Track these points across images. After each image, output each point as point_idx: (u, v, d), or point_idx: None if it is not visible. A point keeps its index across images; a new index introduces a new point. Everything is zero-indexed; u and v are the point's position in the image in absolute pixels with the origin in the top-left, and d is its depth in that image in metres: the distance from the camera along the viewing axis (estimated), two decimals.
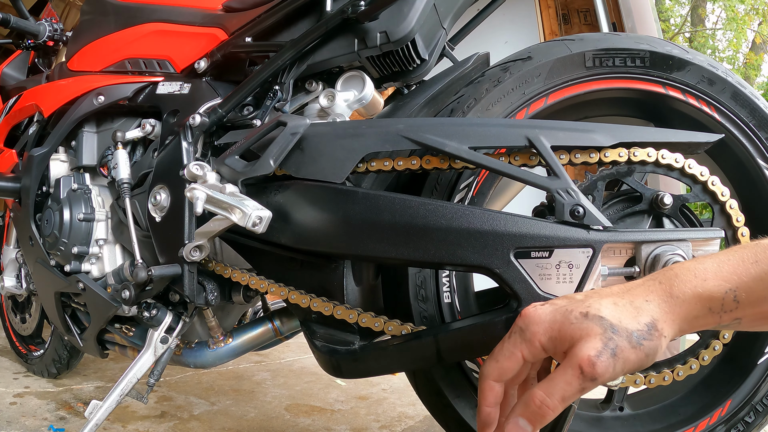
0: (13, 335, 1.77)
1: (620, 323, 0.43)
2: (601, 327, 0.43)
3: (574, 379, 0.43)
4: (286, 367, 1.93)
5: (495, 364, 0.49)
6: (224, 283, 0.94)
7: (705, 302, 0.44)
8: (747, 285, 0.43)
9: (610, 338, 0.43)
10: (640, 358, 0.43)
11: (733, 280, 0.43)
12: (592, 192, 0.77)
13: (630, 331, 0.43)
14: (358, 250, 0.72)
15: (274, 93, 0.90)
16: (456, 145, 0.70)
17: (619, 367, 0.42)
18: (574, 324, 0.44)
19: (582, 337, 0.43)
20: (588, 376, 0.42)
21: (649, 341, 0.43)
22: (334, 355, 0.78)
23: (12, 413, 1.28)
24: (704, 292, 0.44)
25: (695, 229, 0.75)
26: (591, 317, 0.44)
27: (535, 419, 0.45)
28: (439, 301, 0.81)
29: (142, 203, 0.99)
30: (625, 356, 0.42)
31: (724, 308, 0.44)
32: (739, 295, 0.43)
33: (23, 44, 1.58)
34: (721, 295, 0.43)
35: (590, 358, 0.42)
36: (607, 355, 0.42)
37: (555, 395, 0.43)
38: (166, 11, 1.08)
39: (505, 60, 0.85)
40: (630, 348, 0.42)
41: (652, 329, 0.43)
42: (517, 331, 0.48)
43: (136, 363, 0.97)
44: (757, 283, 0.43)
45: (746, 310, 0.43)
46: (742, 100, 0.81)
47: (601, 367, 0.42)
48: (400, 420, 1.39)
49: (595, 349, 0.42)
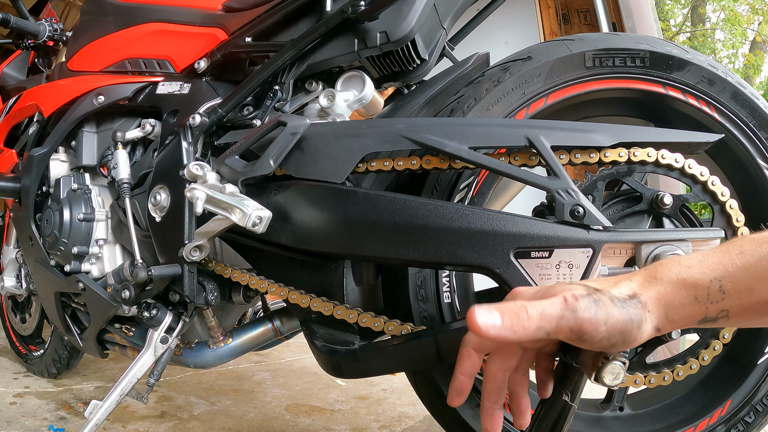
0: (13, 335, 1.77)
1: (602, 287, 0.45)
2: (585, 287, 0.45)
3: (557, 303, 0.44)
4: (286, 367, 1.93)
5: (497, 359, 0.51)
6: (224, 283, 0.94)
7: (690, 289, 0.44)
8: (732, 275, 0.43)
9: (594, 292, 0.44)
10: (624, 318, 0.43)
11: (719, 269, 0.44)
12: (592, 192, 0.77)
13: (613, 296, 0.44)
14: (358, 250, 0.72)
15: (274, 93, 0.90)
16: (456, 145, 0.70)
17: (601, 315, 0.43)
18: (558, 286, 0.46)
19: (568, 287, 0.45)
20: (570, 306, 0.43)
21: (633, 307, 0.44)
22: (334, 355, 0.78)
23: (12, 413, 1.28)
24: (689, 278, 0.44)
25: (695, 229, 0.74)
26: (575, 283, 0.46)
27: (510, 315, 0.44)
28: (439, 301, 0.81)
29: (142, 203, 0.99)
30: (608, 309, 0.43)
31: (710, 298, 0.44)
32: (725, 285, 0.43)
33: (23, 44, 1.58)
34: (705, 283, 0.44)
35: (574, 294, 0.44)
36: (590, 300, 0.44)
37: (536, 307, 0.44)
38: (166, 11, 1.08)
39: (505, 60, 0.85)
40: (612, 304, 0.44)
41: (634, 298, 0.44)
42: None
43: (136, 363, 0.97)
44: (742, 273, 0.43)
45: (733, 301, 0.44)
46: (742, 100, 0.81)
47: (583, 304, 0.43)
48: (400, 420, 1.39)
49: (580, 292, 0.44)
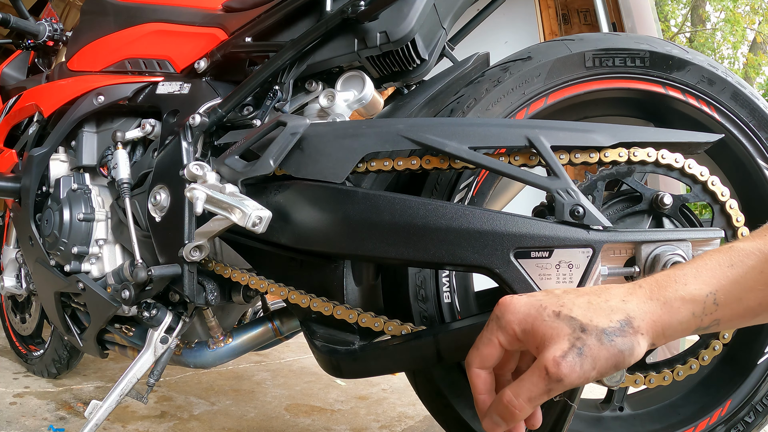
0: (13, 335, 1.77)
1: (591, 322, 0.44)
2: (570, 327, 0.44)
3: (540, 381, 0.43)
4: (286, 367, 1.93)
5: (476, 352, 0.51)
6: (224, 283, 0.94)
7: (688, 306, 0.45)
8: (724, 287, 0.44)
9: (579, 338, 0.43)
10: (612, 354, 0.43)
11: (713, 283, 0.45)
12: (592, 192, 0.77)
13: (601, 329, 0.43)
14: (358, 250, 0.72)
15: (274, 93, 0.90)
16: (456, 145, 0.70)
17: (587, 365, 0.42)
18: (546, 322, 0.45)
19: (552, 337, 0.44)
20: (553, 377, 0.43)
21: (622, 338, 0.43)
22: (334, 355, 0.78)
23: (12, 413, 1.28)
24: (687, 295, 0.45)
25: (695, 229, 0.74)
26: (562, 317, 0.44)
27: (505, 417, 0.46)
28: (439, 301, 0.81)
29: (142, 203, 0.99)
30: (594, 354, 0.42)
31: (705, 311, 0.45)
32: (719, 298, 0.44)
33: (23, 44, 1.58)
34: (702, 298, 0.45)
35: (555, 359, 0.43)
36: (573, 355, 0.42)
37: (522, 396, 0.45)
38: (166, 11, 1.08)
39: (505, 60, 0.85)
40: (599, 346, 0.43)
41: (625, 326, 0.44)
42: (494, 318, 0.49)
43: (136, 363, 0.97)
44: (733, 285, 0.44)
45: (725, 312, 0.45)
46: (742, 100, 0.81)
47: (566, 368, 0.42)
48: (400, 420, 1.39)
49: (561, 350, 0.43)
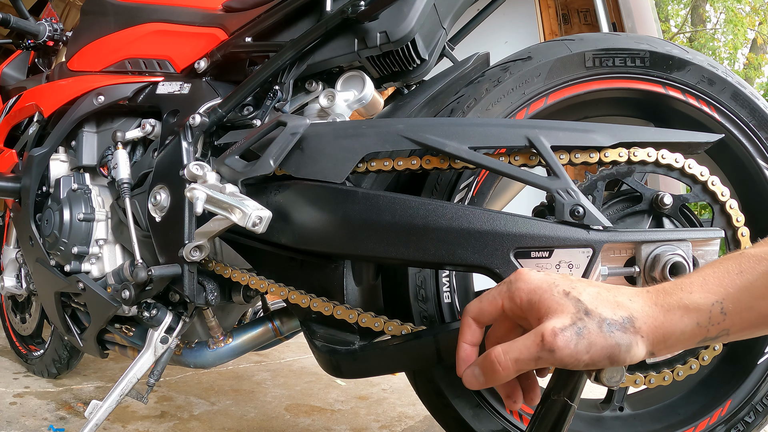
0: (13, 335, 1.77)
1: (596, 309, 0.44)
2: (575, 308, 0.44)
3: (533, 345, 0.44)
4: (286, 367, 1.93)
5: (477, 304, 0.52)
6: (224, 283, 0.94)
7: (692, 315, 0.44)
8: (733, 296, 0.43)
9: (581, 318, 0.44)
10: (609, 345, 0.43)
11: (720, 292, 0.44)
12: (592, 192, 0.77)
13: (603, 318, 0.44)
14: (358, 250, 0.72)
15: (274, 93, 0.90)
16: (456, 145, 0.70)
17: (582, 346, 0.43)
18: (554, 297, 0.45)
19: (555, 310, 0.45)
20: (546, 346, 0.43)
21: (622, 333, 0.43)
22: (334, 355, 0.78)
23: (12, 413, 1.28)
24: (690, 304, 0.44)
25: (695, 229, 0.74)
26: (570, 297, 0.45)
27: (487, 372, 0.47)
28: (439, 301, 0.81)
29: (142, 203, 0.99)
30: (591, 339, 0.43)
31: (711, 321, 0.44)
32: (726, 307, 0.43)
33: (23, 44, 1.58)
34: (707, 307, 0.44)
35: (554, 330, 0.43)
36: (572, 332, 0.43)
37: (510, 354, 0.45)
38: (166, 11, 1.08)
39: (505, 60, 0.85)
40: (598, 332, 0.43)
41: (627, 323, 0.44)
42: (506, 282, 0.50)
43: (136, 363, 0.97)
44: (742, 293, 0.43)
45: (734, 321, 0.44)
46: (742, 100, 0.81)
47: (562, 341, 0.43)
48: (400, 420, 1.39)
49: (562, 324, 0.44)
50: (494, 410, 0.82)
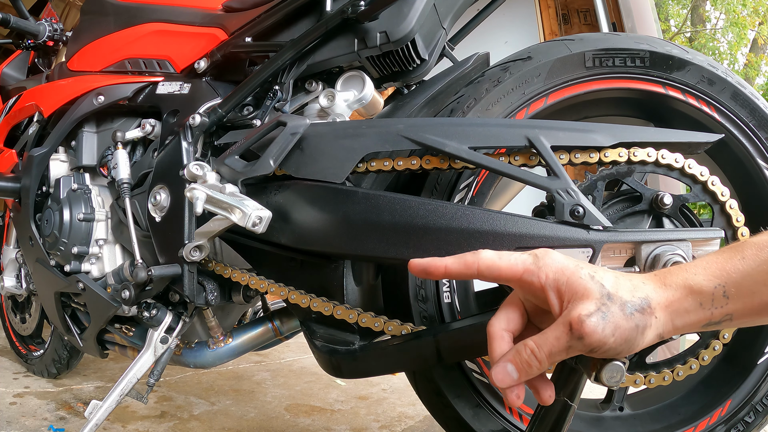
0: (13, 335, 1.77)
1: (617, 293, 0.46)
2: (600, 292, 0.45)
3: (563, 335, 0.45)
4: (286, 367, 1.93)
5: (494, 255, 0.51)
6: (224, 283, 0.94)
7: (696, 296, 0.45)
8: (735, 280, 0.45)
9: (605, 303, 0.45)
10: (630, 327, 0.44)
11: (722, 276, 0.45)
12: (592, 192, 0.77)
13: (624, 301, 0.45)
14: (358, 250, 0.72)
15: (274, 93, 0.90)
16: (456, 145, 0.70)
17: (608, 330, 0.44)
18: (582, 279, 0.46)
19: (582, 295, 0.46)
20: (576, 334, 0.44)
21: (641, 314, 0.45)
22: (334, 355, 0.78)
23: (12, 413, 1.28)
24: (695, 285, 0.45)
25: (695, 229, 0.74)
26: (595, 281, 0.46)
27: (522, 368, 0.47)
28: (439, 301, 0.81)
29: (142, 203, 0.99)
30: (615, 321, 0.44)
31: (714, 303, 0.45)
32: (728, 290, 0.45)
33: (23, 44, 1.58)
34: (710, 289, 0.45)
35: (580, 317, 0.44)
36: (598, 317, 0.44)
37: (544, 347, 0.46)
38: (166, 11, 1.08)
39: (505, 60, 0.85)
40: (622, 315, 0.45)
41: (645, 305, 0.45)
42: (532, 254, 0.50)
43: (136, 363, 0.97)
44: (744, 278, 0.44)
45: (737, 305, 0.45)
46: (742, 100, 0.81)
47: (590, 327, 0.44)
48: (400, 420, 1.39)
49: (588, 310, 0.45)
50: (494, 410, 0.82)
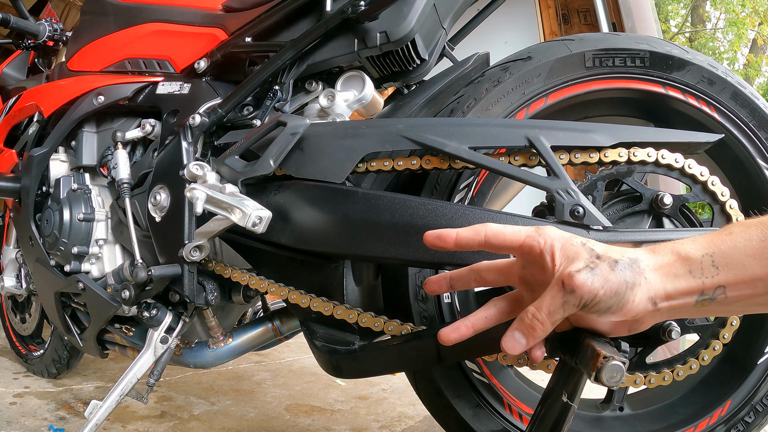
0: (13, 335, 1.77)
1: (606, 254, 0.49)
2: (589, 255, 0.49)
3: (558, 292, 0.48)
4: (286, 367, 1.93)
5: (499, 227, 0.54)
6: (224, 283, 0.94)
7: (684, 262, 0.47)
8: (723, 251, 0.46)
9: (593, 261, 0.48)
10: (619, 281, 0.47)
11: (710, 246, 0.47)
12: (592, 192, 0.77)
13: (613, 259, 0.48)
14: (358, 250, 0.72)
15: (274, 93, 0.90)
16: (456, 145, 0.70)
17: (597, 282, 0.46)
18: (573, 246, 0.50)
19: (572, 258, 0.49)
20: (568, 287, 0.47)
21: (630, 271, 0.47)
22: (334, 355, 0.78)
23: (12, 413, 1.28)
24: (682, 252, 0.48)
25: (695, 229, 0.74)
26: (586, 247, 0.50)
27: (528, 332, 0.50)
28: (439, 301, 0.81)
29: (142, 203, 0.99)
30: (603, 275, 0.47)
31: (704, 273, 0.46)
32: (717, 260, 0.46)
33: (23, 44, 1.58)
34: (698, 257, 0.47)
35: (570, 272, 0.48)
36: (586, 272, 0.47)
37: (543, 309, 0.49)
38: (166, 11, 1.08)
39: (505, 60, 0.85)
40: (609, 270, 0.47)
41: (633, 263, 0.48)
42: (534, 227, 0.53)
43: (136, 363, 0.97)
44: (732, 250, 0.46)
45: (728, 276, 0.46)
46: (742, 100, 0.81)
47: (579, 279, 0.47)
48: (400, 420, 1.39)
49: (576, 267, 0.48)
50: (494, 410, 0.82)
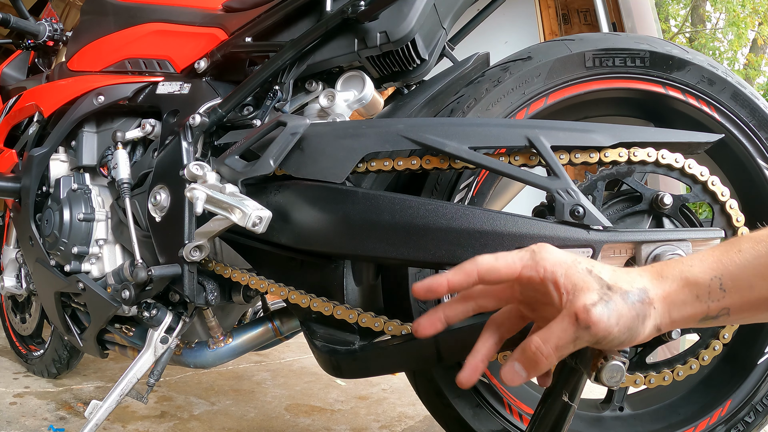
0: (13, 335, 1.77)
1: (616, 284, 0.46)
2: (599, 284, 0.46)
3: (570, 327, 0.45)
4: (286, 367, 1.93)
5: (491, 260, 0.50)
6: (224, 283, 0.94)
7: (692, 287, 0.45)
8: (732, 273, 0.44)
9: (606, 293, 0.45)
10: (632, 315, 0.45)
11: (718, 268, 0.45)
12: (592, 192, 0.77)
13: (625, 291, 0.45)
14: (358, 250, 0.72)
15: (274, 93, 0.90)
16: (456, 145, 0.70)
17: (613, 318, 0.44)
18: (579, 273, 0.46)
19: (582, 288, 0.45)
20: (582, 323, 0.44)
21: (641, 304, 0.45)
22: (334, 355, 0.78)
23: (12, 413, 1.28)
24: (690, 276, 0.45)
25: (695, 229, 0.74)
26: (593, 275, 0.46)
27: (530, 365, 0.47)
28: (439, 301, 0.81)
29: (142, 203, 0.99)
30: (619, 310, 0.44)
31: (711, 296, 0.45)
32: (725, 283, 0.44)
33: (23, 44, 1.58)
34: (707, 281, 0.45)
35: (586, 306, 0.44)
36: (602, 306, 0.44)
37: (550, 342, 0.45)
38: (166, 11, 1.08)
39: (505, 60, 0.85)
40: (623, 304, 0.45)
41: (643, 294, 0.45)
42: (528, 250, 0.50)
43: (136, 363, 0.97)
44: (741, 270, 0.44)
45: (734, 299, 0.45)
46: (742, 100, 0.81)
47: (596, 315, 0.44)
48: (400, 420, 1.39)
49: (591, 300, 0.45)
50: (494, 410, 0.82)
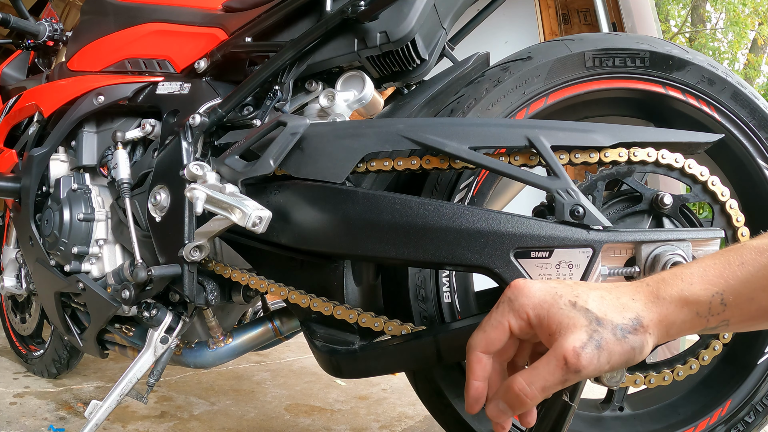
0: (13, 335, 1.77)
1: (605, 316, 0.43)
2: (587, 319, 0.43)
3: (557, 370, 0.43)
4: (286, 367, 1.93)
5: (482, 335, 0.49)
6: (224, 283, 0.94)
7: (692, 306, 0.44)
8: (733, 288, 0.43)
9: (595, 330, 0.43)
10: (625, 350, 0.43)
11: (720, 283, 0.43)
12: (592, 192, 0.77)
13: (615, 324, 0.43)
14: (358, 250, 0.72)
15: (274, 93, 0.90)
16: (456, 145, 0.70)
17: (604, 359, 0.42)
18: (562, 310, 0.44)
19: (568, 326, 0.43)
20: (572, 368, 0.42)
21: (634, 336, 0.43)
22: (334, 355, 0.78)
23: (12, 413, 1.28)
24: (690, 296, 0.44)
25: (695, 229, 0.74)
26: (578, 308, 0.44)
27: (514, 405, 0.45)
28: (439, 301, 0.81)
29: (142, 203, 0.99)
30: (610, 348, 0.42)
31: (711, 312, 0.44)
32: (726, 298, 0.43)
33: (23, 44, 1.58)
34: (707, 299, 0.43)
35: (575, 350, 0.42)
36: (592, 347, 0.42)
37: (536, 384, 0.44)
38: (166, 11, 1.08)
39: (505, 60, 0.85)
40: (615, 341, 0.43)
41: (637, 324, 0.43)
42: (505, 300, 0.48)
43: (136, 363, 0.97)
44: (743, 285, 0.43)
45: (734, 312, 0.43)
46: (742, 100, 0.81)
47: (585, 359, 0.42)
48: (400, 420, 1.39)
49: (580, 341, 0.42)
50: None
